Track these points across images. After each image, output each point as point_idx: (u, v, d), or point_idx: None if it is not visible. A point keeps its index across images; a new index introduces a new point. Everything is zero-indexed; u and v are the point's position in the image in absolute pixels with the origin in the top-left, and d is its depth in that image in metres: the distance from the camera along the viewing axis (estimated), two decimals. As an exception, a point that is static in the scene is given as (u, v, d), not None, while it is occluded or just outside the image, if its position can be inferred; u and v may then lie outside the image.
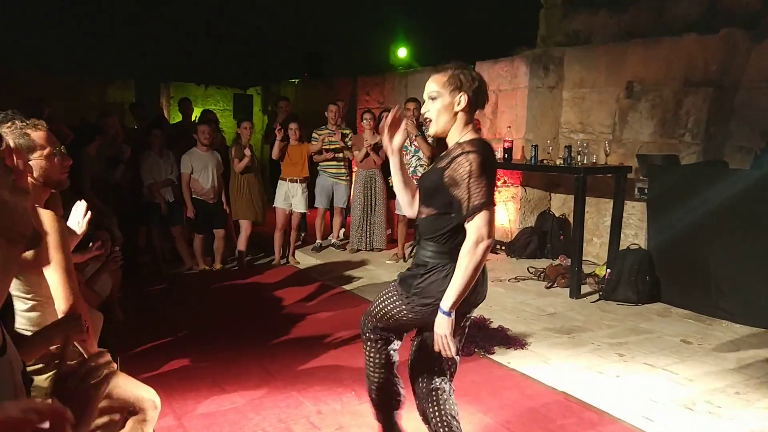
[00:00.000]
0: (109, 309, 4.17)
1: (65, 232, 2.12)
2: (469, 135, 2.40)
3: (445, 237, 2.41)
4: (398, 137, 2.51)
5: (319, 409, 3.51)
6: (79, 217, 2.60)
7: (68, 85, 10.79)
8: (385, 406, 2.79)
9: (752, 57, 6.22)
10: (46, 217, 2.02)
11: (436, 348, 2.38)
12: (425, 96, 2.44)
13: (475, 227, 2.28)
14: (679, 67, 6.44)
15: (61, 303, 2.05)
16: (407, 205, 2.64)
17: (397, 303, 2.53)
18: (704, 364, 4.18)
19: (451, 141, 2.43)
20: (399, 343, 2.73)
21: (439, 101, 2.39)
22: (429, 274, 2.43)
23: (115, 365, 2.59)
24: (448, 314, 2.32)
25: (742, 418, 3.41)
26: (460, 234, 2.35)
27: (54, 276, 2.04)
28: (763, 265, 4.94)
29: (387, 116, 2.52)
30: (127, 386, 2.40)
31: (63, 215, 2.50)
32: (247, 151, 6.85)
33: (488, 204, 2.28)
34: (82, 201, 2.65)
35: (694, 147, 6.33)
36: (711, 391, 3.75)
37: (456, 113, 2.40)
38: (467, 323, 2.56)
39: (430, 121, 2.44)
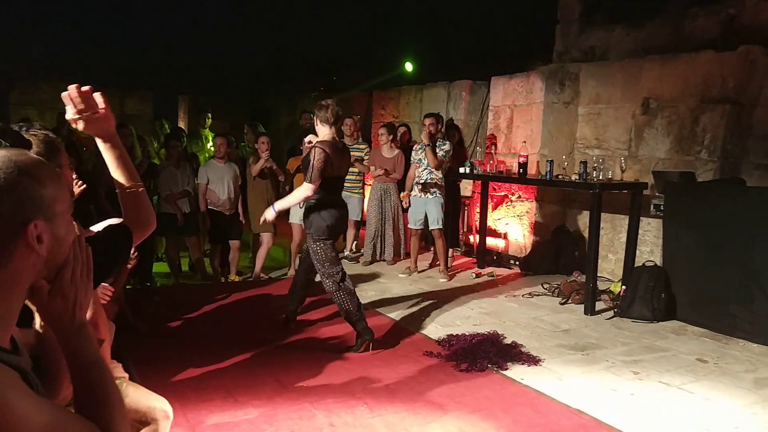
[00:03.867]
0: (123, 318, 4.20)
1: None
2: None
3: None
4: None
5: (332, 422, 3.51)
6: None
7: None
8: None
9: (770, 74, 6.19)
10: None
11: None
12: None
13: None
14: (695, 84, 6.42)
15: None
16: None
17: None
18: (720, 384, 4.14)
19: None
20: None
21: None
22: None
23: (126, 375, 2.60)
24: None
25: (759, 439, 3.37)
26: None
27: None
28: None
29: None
30: (137, 396, 2.40)
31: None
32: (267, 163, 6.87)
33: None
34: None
35: (710, 164, 6.29)
36: (728, 412, 3.71)
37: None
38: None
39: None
